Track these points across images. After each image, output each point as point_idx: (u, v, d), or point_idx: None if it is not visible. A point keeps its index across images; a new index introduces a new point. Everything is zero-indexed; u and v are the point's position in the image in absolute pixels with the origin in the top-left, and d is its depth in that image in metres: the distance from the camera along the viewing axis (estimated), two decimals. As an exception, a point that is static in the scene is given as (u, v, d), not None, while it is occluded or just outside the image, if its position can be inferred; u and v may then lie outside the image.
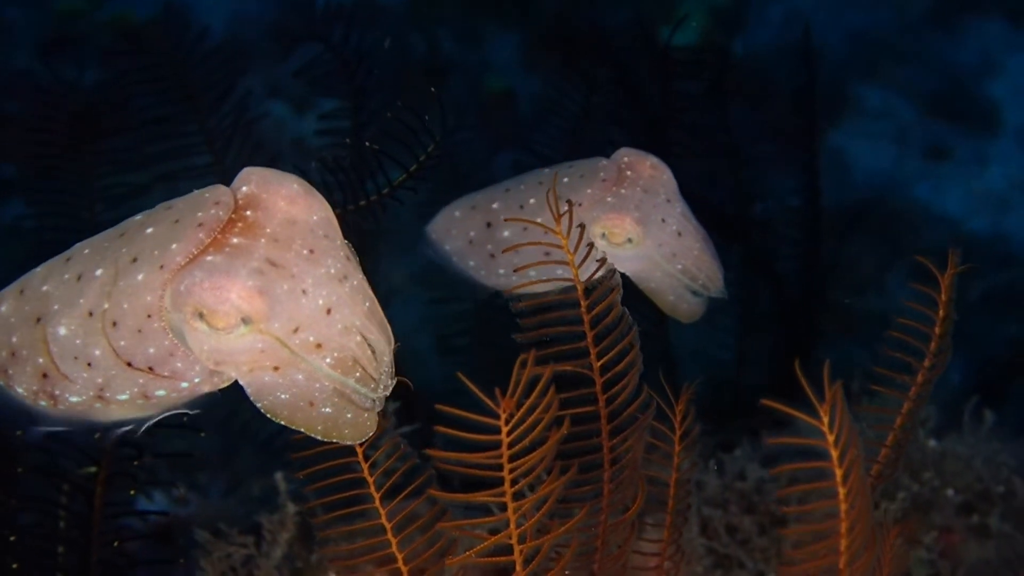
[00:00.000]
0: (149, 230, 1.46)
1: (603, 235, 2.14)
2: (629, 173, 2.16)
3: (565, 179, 2.21)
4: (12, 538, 1.92)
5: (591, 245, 1.74)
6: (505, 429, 1.46)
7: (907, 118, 5.52)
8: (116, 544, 1.94)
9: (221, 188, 1.47)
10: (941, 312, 1.89)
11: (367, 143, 2.26)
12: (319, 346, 1.43)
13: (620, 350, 1.74)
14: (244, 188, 1.46)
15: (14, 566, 1.88)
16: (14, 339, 1.56)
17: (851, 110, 5.48)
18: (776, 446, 1.52)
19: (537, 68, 4.96)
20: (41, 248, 2.46)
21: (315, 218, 1.47)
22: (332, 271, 1.45)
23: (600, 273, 1.76)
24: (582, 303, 1.70)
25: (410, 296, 3.53)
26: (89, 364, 1.49)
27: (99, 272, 1.47)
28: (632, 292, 2.17)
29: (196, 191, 1.48)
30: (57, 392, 1.54)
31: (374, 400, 1.50)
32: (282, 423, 1.47)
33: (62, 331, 1.49)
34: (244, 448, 3.29)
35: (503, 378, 1.54)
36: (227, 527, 2.32)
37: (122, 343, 1.45)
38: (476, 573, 2.05)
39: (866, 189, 5.21)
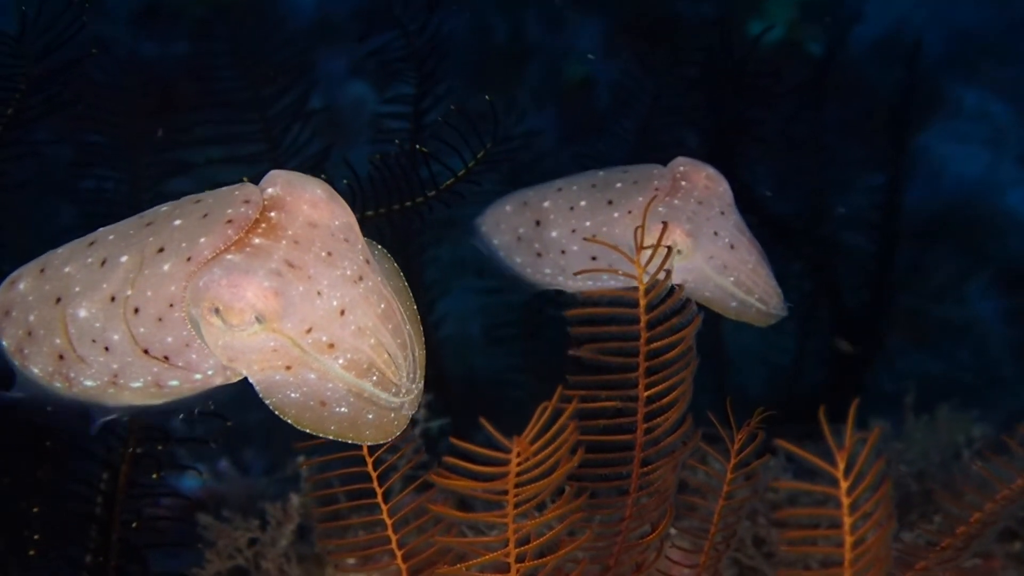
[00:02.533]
0: (177, 222, 1.49)
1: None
2: (684, 183, 2.12)
3: (618, 184, 2.18)
4: (35, 509, 1.97)
5: (668, 272, 1.71)
6: (515, 462, 1.44)
7: (1004, 121, 5.30)
8: (135, 525, 1.98)
9: (251, 187, 1.50)
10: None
11: (416, 146, 2.25)
12: (331, 346, 1.45)
13: (672, 383, 1.70)
14: (270, 190, 1.49)
15: (35, 537, 1.95)
16: (31, 318, 1.58)
17: (945, 111, 5.28)
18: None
19: (617, 57, 4.88)
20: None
21: (336, 223, 1.50)
22: (348, 272, 1.47)
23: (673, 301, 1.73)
24: (643, 334, 1.66)
25: (467, 284, 3.53)
26: (107, 348, 1.51)
27: (124, 259, 1.50)
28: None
29: (226, 187, 1.52)
30: (72, 375, 1.57)
31: (399, 403, 1.51)
32: (290, 422, 1.48)
33: (82, 313, 1.52)
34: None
35: (548, 373, 1.52)
36: (231, 513, 2.37)
37: (141, 330, 1.48)
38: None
39: (954, 193, 5.03)
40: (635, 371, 1.68)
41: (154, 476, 1.99)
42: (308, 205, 1.48)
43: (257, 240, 1.44)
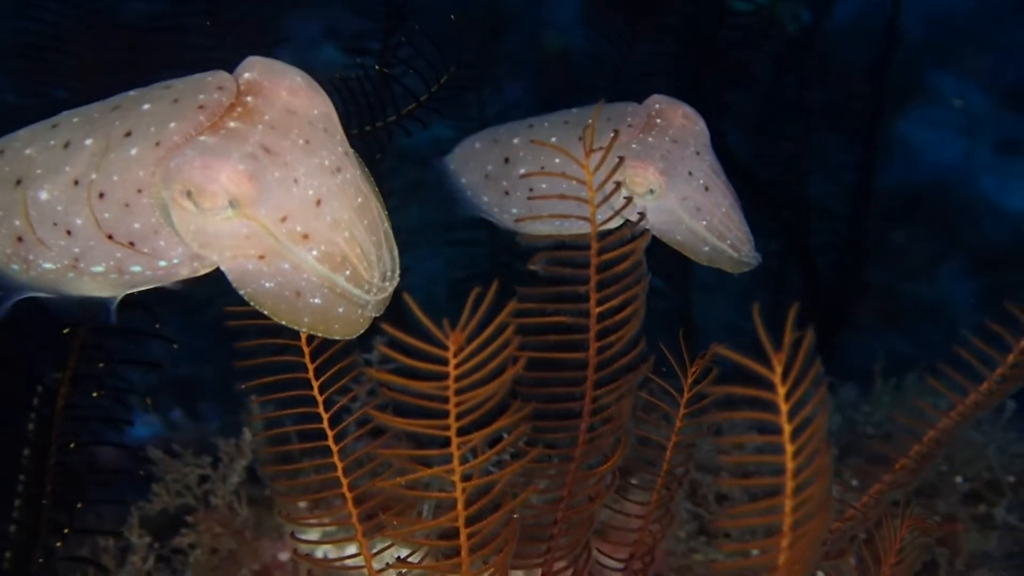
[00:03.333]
0: (146, 106, 1.44)
1: (624, 183, 2.03)
2: (659, 121, 2.04)
3: (591, 120, 2.11)
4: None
5: (618, 184, 1.64)
6: (453, 362, 1.38)
7: (981, 108, 5.30)
8: (72, 445, 1.91)
9: (224, 73, 1.46)
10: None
11: (377, 67, 2.18)
12: (306, 236, 1.42)
13: (623, 300, 1.64)
14: (246, 75, 1.45)
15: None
16: None
17: (923, 96, 5.27)
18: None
19: (596, 28, 4.84)
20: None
21: (315, 112, 1.46)
22: (326, 163, 1.43)
23: (622, 217, 1.68)
24: (592, 245, 1.60)
25: (436, 244, 3.47)
26: (68, 232, 1.48)
27: (88, 142, 1.45)
28: (660, 250, 2.08)
29: (198, 74, 1.47)
30: (31, 257, 1.53)
31: (368, 301, 1.48)
32: (265, 312, 1.45)
33: (43, 196, 1.48)
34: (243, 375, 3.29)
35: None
36: (183, 448, 2.30)
37: (106, 215, 1.44)
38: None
39: (928, 176, 5.02)
40: (586, 284, 1.61)
41: (94, 395, 1.91)
42: (287, 92, 1.44)
43: (232, 124, 1.40)
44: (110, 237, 1.45)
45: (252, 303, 1.45)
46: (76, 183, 1.45)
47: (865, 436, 2.77)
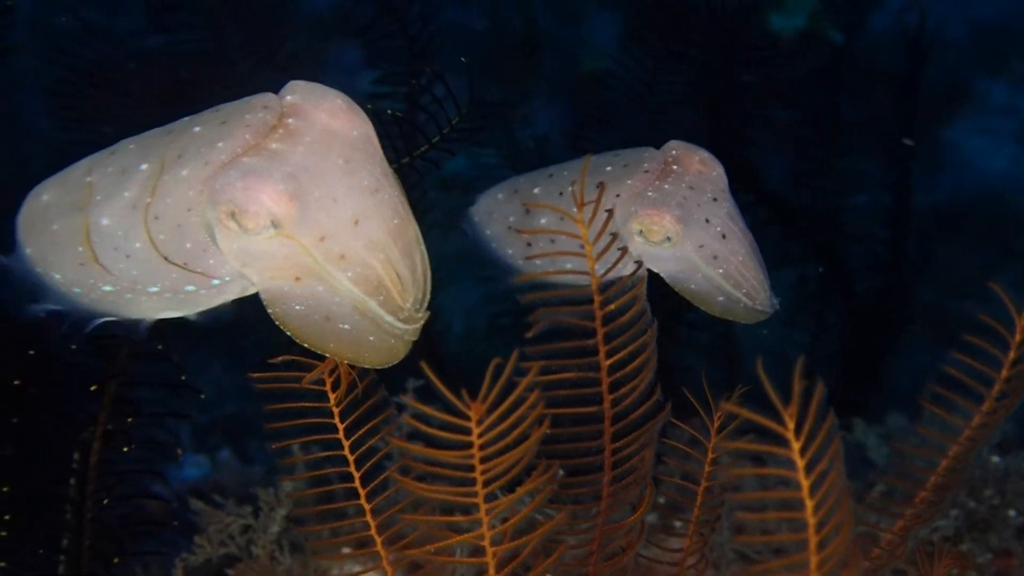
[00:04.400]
0: (196, 128, 1.48)
1: (640, 231, 2.01)
2: (676, 167, 2.02)
3: (608, 168, 2.09)
4: (4, 489, 1.93)
5: (614, 235, 1.64)
6: (476, 431, 1.38)
7: (1034, 114, 5.18)
8: (106, 502, 1.94)
9: (269, 95, 1.49)
10: (1017, 336, 1.70)
11: (389, 111, 2.20)
12: (342, 257, 1.43)
13: (633, 350, 1.63)
14: (289, 97, 1.47)
15: (6, 517, 1.91)
16: (55, 227, 1.59)
17: (971, 105, 5.16)
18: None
19: (634, 50, 4.83)
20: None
21: (355, 133, 1.47)
22: (365, 183, 1.44)
23: (622, 267, 1.67)
24: (595, 298, 1.59)
25: (470, 274, 3.48)
26: (127, 256, 1.51)
27: (144, 167, 1.49)
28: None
29: (245, 97, 1.50)
30: (91, 281, 1.57)
31: (402, 330, 1.48)
32: (290, 334, 1.47)
33: (104, 221, 1.52)
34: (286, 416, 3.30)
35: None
36: (224, 498, 2.32)
37: (161, 236, 1.48)
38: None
39: (978, 186, 4.90)
40: (593, 337, 1.60)
41: (124, 449, 1.93)
42: (327, 113, 1.46)
43: (274, 145, 1.43)
44: (166, 258, 1.49)
45: (279, 323, 1.47)
46: (134, 207, 1.49)
47: (917, 468, 2.71)
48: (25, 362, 1.95)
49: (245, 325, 3.02)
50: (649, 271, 2.08)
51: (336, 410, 1.59)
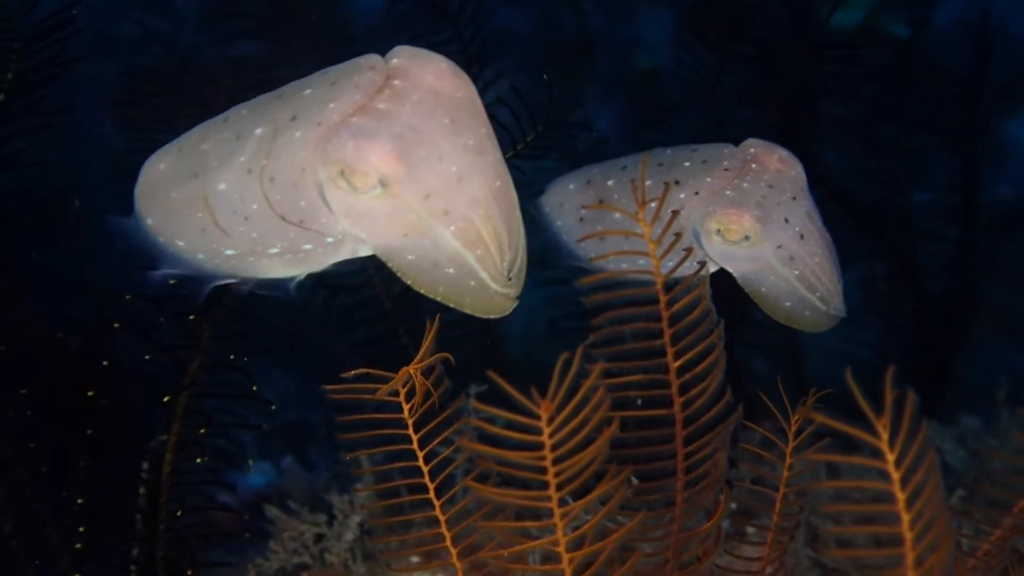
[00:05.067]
0: (307, 91, 1.52)
1: (719, 231, 1.98)
2: (754, 165, 1.99)
3: (686, 163, 2.07)
4: (79, 501, 1.95)
5: (678, 235, 1.61)
6: (547, 430, 1.36)
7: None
8: (179, 514, 1.95)
9: (375, 56, 1.52)
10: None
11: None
12: (446, 213, 1.47)
13: (701, 350, 1.60)
14: (394, 60, 1.50)
15: (80, 529, 1.92)
16: (173, 195, 1.64)
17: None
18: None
19: (687, 47, 4.78)
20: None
21: (459, 95, 1.50)
22: (470, 142, 1.48)
23: (686, 267, 1.64)
24: (661, 299, 1.57)
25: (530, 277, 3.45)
26: (246, 218, 1.57)
27: (258, 131, 1.54)
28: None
29: (351, 59, 1.53)
30: (214, 245, 1.63)
31: (494, 290, 1.53)
32: (408, 283, 1.53)
33: (222, 186, 1.57)
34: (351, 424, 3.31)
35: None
36: (299, 505, 2.32)
37: (278, 197, 1.53)
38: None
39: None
40: (660, 338, 1.58)
41: (198, 460, 1.95)
42: (432, 75, 1.48)
43: (382, 105, 1.46)
44: (282, 218, 1.54)
45: (398, 273, 1.52)
46: (249, 170, 1.54)
47: (994, 472, 2.63)
48: (98, 373, 1.98)
49: (303, 332, 3.04)
50: (720, 270, 2.05)
51: (410, 421, 1.58)
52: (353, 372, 1.54)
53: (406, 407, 1.62)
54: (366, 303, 2.55)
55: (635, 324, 1.61)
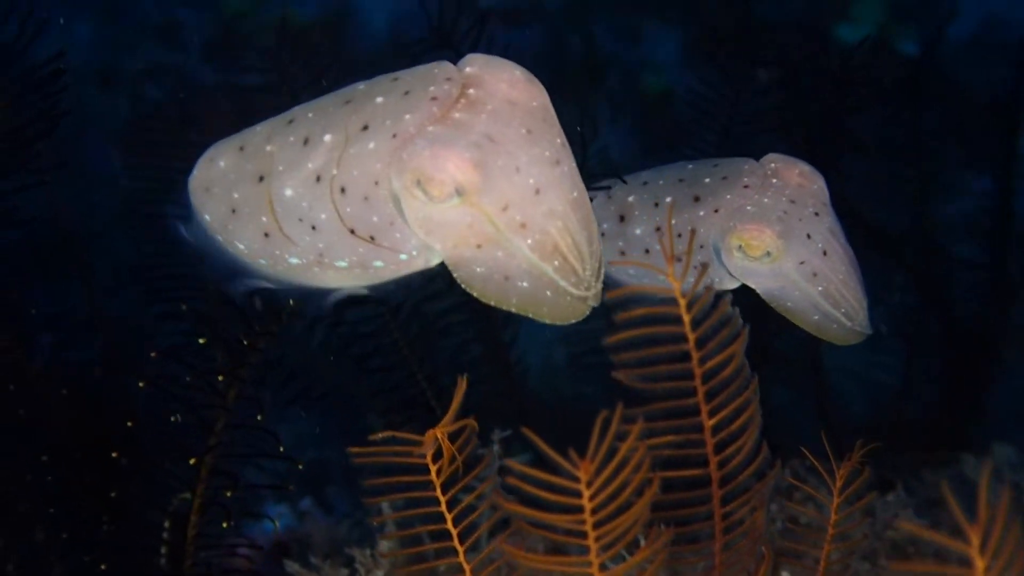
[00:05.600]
0: (379, 99, 1.48)
1: (740, 247, 1.95)
2: (775, 181, 1.97)
3: (707, 179, 2.05)
4: (103, 567, 1.90)
5: (709, 288, 1.56)
6: (587, 493, 1.32)
7: None
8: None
9: (448, 64, 1.51)
10: None
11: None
12: (523, 226, 1.44)
13: (736, 407, 1.55)
14: (468, 69, 1.49)
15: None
16: (235, 195, 1.60)
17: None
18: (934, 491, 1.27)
19: (698, 66, 4.73)
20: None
21: (535, 103, 1.48)
22: (547, 153, 1.46)
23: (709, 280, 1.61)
24: (693, 356, 1.52)
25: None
26: (313, 228, 1.53)
27: (328, 138, 1.49)
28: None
29: (423, 66, 1.51)
30: (278, 252, 1.58)
31: (577, 295, 1.50)
32: (475, 295, 1.49)
33: (288, 192, 1.53)
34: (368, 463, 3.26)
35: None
36: (319, 560, 2.26)
37: (348, 209, 1.49)
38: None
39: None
40: (693, 396, 1.52)
41: (224, 525, 1.90)
42: (507, 84, 1.46)
43: (458, 115, 1.44)
44: (352, 232, 1.50)
45: (464, 285, 1.49)
46: (318, 179, 1.50)
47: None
48: (122, 433, 1.94)
49: (319, 372, 2.99)
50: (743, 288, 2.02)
51: (438, 482, 1.53)
52: (380, 435, 1.49)
53: (433, 468, 1.57)
54: (382, 349, 2.51)
55: (665, 385, 1.55)
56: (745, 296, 1.98)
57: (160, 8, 4.94)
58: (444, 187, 1.42)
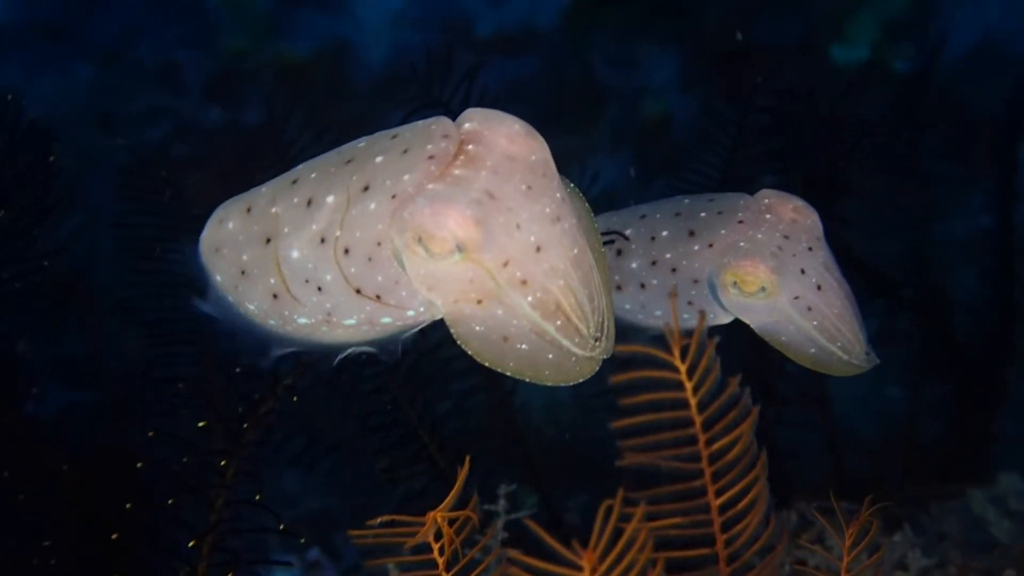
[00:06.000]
0: (379, 159, 1.49)
1: (734, 283, 1.95)
2: (769, 216, 1.98)
3: (702, 214, 2.05)
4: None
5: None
6: (591, 582, 1.31)
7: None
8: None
9: (447, 121, 1.49)
10: None
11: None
12: (524, 283, 1.45)
13: (744, 487, 1.55)
14: (467, 124, 1.48)
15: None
16: (245, 257, 1.62)
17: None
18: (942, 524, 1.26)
19: (696, 90, 4.73)
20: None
21: (534, 157, 1.47)
22: (547, 210, 1.45)
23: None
24: (700, 438, 1.52)
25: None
26: (320, 288, 1.54)
27: (331, 199, 1.50)
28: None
29: (421, 122, 1.51)
30: (287, 313, 1.60)
31: (581, 355, 1.48)
32: (470, 353, 1.49)
33: (295, 254, 1.54)
34: (384, 506, 3.26)
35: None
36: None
37: (353, 270, 1.49)
38: None
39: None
40: (700, 478, 1.53)
41: (229, 575, 1.90)
42: (506, 139, 1.46)
43: (457, 171, 1.44)
44: (358, 291, 1.51)
45: (460, 343, 1.48)
46: (323, 240, 1.51)
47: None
48: (122, 514, 1.94)
49: (323, 425, 3.00)
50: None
51: (440, 560, 1.53)
52: (379, 519, 1.49)
53: (435, 546, 1.57)
54: (381, 408, 2.50)
55: (671, 464, 1.55)
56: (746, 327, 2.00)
57: (158, 50, 4.96)
58: (445, 244, 1.42)
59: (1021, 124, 3.60)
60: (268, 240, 1.57)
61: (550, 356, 1.47)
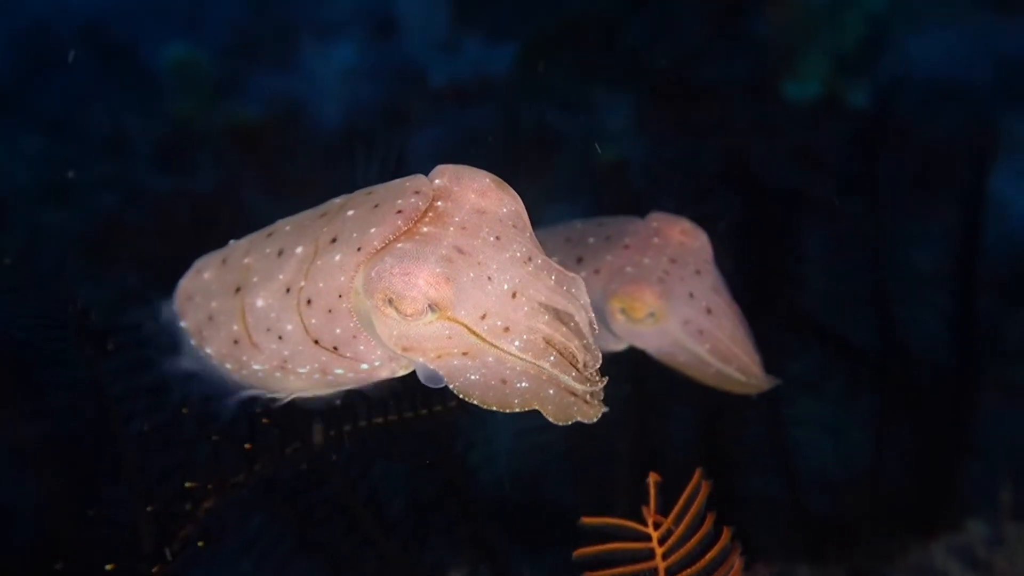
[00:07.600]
0: (350, 212, 1.49)
1: (622, 310, 1.92)
2: (656, 240, 1.96)
3: (591, 239, 2.03)
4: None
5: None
6: None
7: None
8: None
9: (421, 178, 1.49)
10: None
11: None
12: (507, 330, 1.43)
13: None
14: (437, 181, 1.48)
15: None
16: (213, 304, 1.64)
17: (1007, 148, 4.93)
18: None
19: (650, 132, 4.70)
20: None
21: (504, 210, 1.47)
22: (518, 254, 1.44)
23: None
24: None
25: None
26: (280, 337, 1.55)
27: (299, 250, 1.52)
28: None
29: (397, 180, 1.52)
30: (244, 358, 1.61)
31: (582, 390, 1.46)
32: (475, 403, 1.46)
33: (260, 303, 1.56)
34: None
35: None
36: None
37: (313, 321, 1.50)
38: None
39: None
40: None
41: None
42: (475, 194, 1.46)
43: (425, 228, 1.43)
44: (316, 342, 1.51)
45: (461, 395, 1.46)
46: (288, 290, 1.52)
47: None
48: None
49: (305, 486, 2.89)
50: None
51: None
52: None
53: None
54: (328, 499, 2.39)
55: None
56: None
57: (107, 117, 4.90)
58: (416, 304, 1.40)
59: (983, 159, 3.59)
60: (238, 289, 1.59)
61: (551, 391, 1.44)
